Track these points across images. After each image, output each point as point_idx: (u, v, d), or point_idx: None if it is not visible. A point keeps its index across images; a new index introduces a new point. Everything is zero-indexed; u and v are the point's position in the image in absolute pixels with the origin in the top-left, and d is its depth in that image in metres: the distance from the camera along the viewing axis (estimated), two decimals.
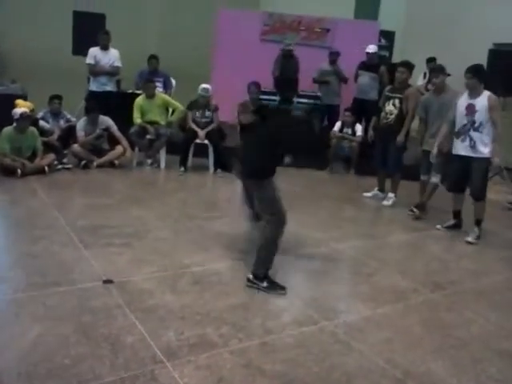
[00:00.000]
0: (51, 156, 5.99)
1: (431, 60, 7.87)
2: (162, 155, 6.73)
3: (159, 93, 7.01)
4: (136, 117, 6.69)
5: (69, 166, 6.17)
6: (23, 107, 5.87)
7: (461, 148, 4.67)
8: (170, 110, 7.07)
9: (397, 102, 5.60)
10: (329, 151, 7.26)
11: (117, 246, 3.74)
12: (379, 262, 3.95)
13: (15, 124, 5.68)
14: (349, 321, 2.95)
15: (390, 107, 5.64)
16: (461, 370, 2.53)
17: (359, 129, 7.35)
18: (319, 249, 4.15)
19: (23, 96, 7.05)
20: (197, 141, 6.68)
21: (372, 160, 6.10)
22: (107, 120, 6.53)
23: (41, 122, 6.38)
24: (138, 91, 7.23)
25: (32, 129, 5.87)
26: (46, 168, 5.78)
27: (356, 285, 3.59)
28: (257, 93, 6.94)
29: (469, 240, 4.62)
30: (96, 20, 7.87)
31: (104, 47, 7.00)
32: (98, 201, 4.94)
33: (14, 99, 6.30)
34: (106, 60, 6.99)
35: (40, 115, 6.54)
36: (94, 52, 6.97)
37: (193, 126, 6.73)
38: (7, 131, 5.70)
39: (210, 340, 2.57)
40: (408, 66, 5.67)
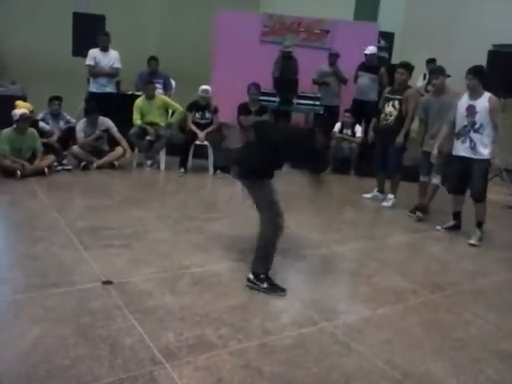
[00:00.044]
0: (51, 157, 6.00)
1: (431, 61, 7.89)
2: (162, 156, 6.74)
3: (159, 94, 7.01)
4: (136, 118, 6.69)
5: (68, 168, 6.18)
6: (23, 108, 5.87)
7: (461, 149, 4.68)
8: (170, 112, 7.08)
9: (396, 104, 5.60)
10: (328, 152, 7.25)
11: (116, 247, 3.75)
12: (379, 263, 3.96)
13: (15, 125, 5.68)
14: (348, 322, 2.95)
15: (390, 108, 5.65)
16: (460, 371, 2.53)
17: (359, 130, 7.35)
18: (319, 250, 4.15)
19: (23, 97, 7.08)
20: (196, 142, 6.69)
21: (372, 161, 6.10)
22: (107, 121, 6.53)
23: (40, 124, 6.37)
24: (138, 92, 7.24)
25: (32, 130, 5.88)
26: (46, 169, 5.79)
27: (356, 286, 3.60)
28: (256, 94, 6.94)
29: (471, 242, 4.62)
30: (96, 21, 7.87)
31: (104, 48, 7.01)
32: (98, 202, 4.94)
33: (14, 100, 6.30)
34: (106, 61, 7.00)
35: (40, 116, 6.54)
36: (94, 53, 6.98)
37: (192, 128, 6.73)
38: (7, 132, 5.70)
39: (210, 341, 2.57)
40: (407, 68, 5.67)
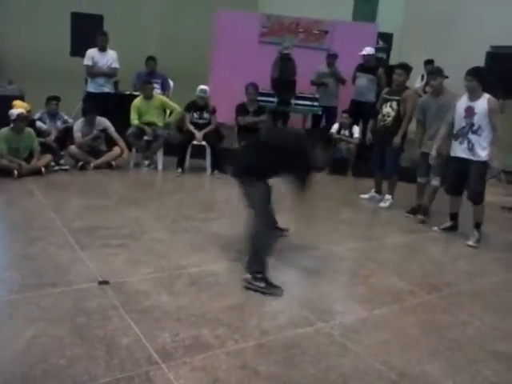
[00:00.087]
0: (48, 157, 5.99)
1: (429, 62, 7.90)
2: (160, 156, 6.73)
3: (157, 94, 7.00)
4: (133, 118, 6.68)
5: (66, 167, 6.16)
6: (20, 108, 5.86)
7: (459, 150, 4.68)
8: (168, 112, 7.08)
9: (394, 105, 5.60)
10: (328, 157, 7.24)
11: (113, 247, 3.74)
12: (376, 264, 3.96)
13: (12, 125, 5.67)
14: (345, 322, 2.95)
15: (388, 109, 5.65)
16: (456, 372, 2.53)
17: (356, 131, 7.35)
18: (316, 250, 4.14)
19: (20, 97, 7.06)
20: (194, 142, 6.68)
21: (369, 162, 6.11)
22: (104, 121, 6.52)
23: (38, 123, 6.36)
24: (136, 92, 7.23)
25: (29, 130, 5.87)
26: (43, 169, 5.78)
27: (353, 286, 3.60)
28: (255, 94, 6.94)
29: (469, 244, 4.62)
30: (94, 21, 7.87)
31: (102, 48, 6.99)
32: (95, 202, 4.93)
33: (11, 100, 6.29)
34: (104, 61, 6.98)
35: (37, 116, 6.52)
36: (92, 53, 6.96)
37: (190, 128, 6.73)
38: (4, 132, 5.69)
39: (206, 341, 2.57)
40: (405, 69, 5.67)
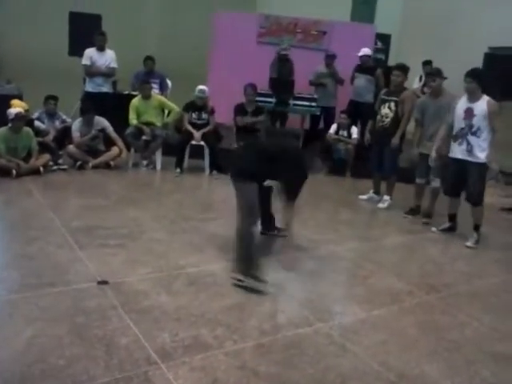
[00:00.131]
0: (46, 156, 5.98)
1: (427, 63, 7.91)
2: (158, 156, 6.72)
3: (155, 94, 7.00)
4: (132, 118, 6.68)
5: (64, 167, 6.16)
6: (18, 107, 5.85)
7: (458, 151, 4.68)
8: (166, 112, 7.07)
9: (392, 105, 5.61)
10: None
11: (112, 247, 3.74)
12: (375, 265, 3.96)
13: (10, 124, 5.67)
14: (344, 323, 2.95)
15: (386, 110, 5.65)
16: (454, 373, 2.54)
17: (355, 131, 7.35)
18: (315, 251, 4.15)
19: (18, 96, 7.04)
20: (193, 142, 6.68)
21: (368, 162, 6.11)
22: (103, 121, 6.51)
23: (36, 123, 6.35)
24: (134, 92, 7.22)
25: (27, 129, 5.86)
26: (41, 168, 5.78)
27: (351, 287, 3.60)
28: (253, 94, 6.94)
29: (468, 245, 4.63)
30: (92, 21, 7.86)
31: (100, 48, 6.99)
32: (94, 202, 4.92)
33: (9, 99, 6.28)
34: (102, 61, 6.98)
35: (35, 115, 6.52)
36: (90, 53, 6.96)
37: (189, 128, 6.73)
38: (2, 131, 5.68)
39: (205, 341, 2.57)
40: (403, 69, 5.67)
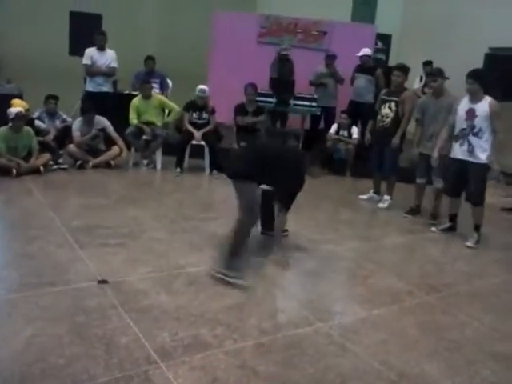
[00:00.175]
0: (47, 156, 5.99)
1: (427, 63, 7.92)
2: (158, 156, 6.73)
3: (156, 94, 7.00)
4: (132, 117, 6.68)
5: (64, 166, 6.16)
6: (18, 107, 5.85)
7: (459, 152, 4.68)
8: (167, 111, 7.07)
9: (393, 106, 5.61)
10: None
11: (112, 247, 3.73)
12: (375, 264, 3.96)
13: (10, 123, 5.67)
14: (344, 322, 2.95)
15: (386, 110, 5.65)
16: (455, 372, 2.53)
17: (355, 131, 7.36)
18: (315, 250, 4.14)
19: (19, 96, 7.04)
20: (193, 142, 6.68)
21: (368, 162, 6.11)
22: (103, 120, 6.52)
23: (36, 122, 6.36)
24: (135, 92, 7.22)
25: (27, 128, 5.86)
26: (42, 168, 5.78)
27: (352, 286, 3.60)
28: (253, 94, 6.94)
29: (468, 245, 4.63)
30: (92, 20, 7.87)
31: (100, 48, 7.00)
32: (94, 201, 4.92)
33: (10, 99, 6.28)
34: (103, 61, 6.99)
35: (36, 115, 6.52)
36: (91, 53, 6.96)
37: (189, 127, 6.73)
38: (2, 131, 5.68)
39: (205, 341, 2.57)
40: (403, 70, 5.67)
